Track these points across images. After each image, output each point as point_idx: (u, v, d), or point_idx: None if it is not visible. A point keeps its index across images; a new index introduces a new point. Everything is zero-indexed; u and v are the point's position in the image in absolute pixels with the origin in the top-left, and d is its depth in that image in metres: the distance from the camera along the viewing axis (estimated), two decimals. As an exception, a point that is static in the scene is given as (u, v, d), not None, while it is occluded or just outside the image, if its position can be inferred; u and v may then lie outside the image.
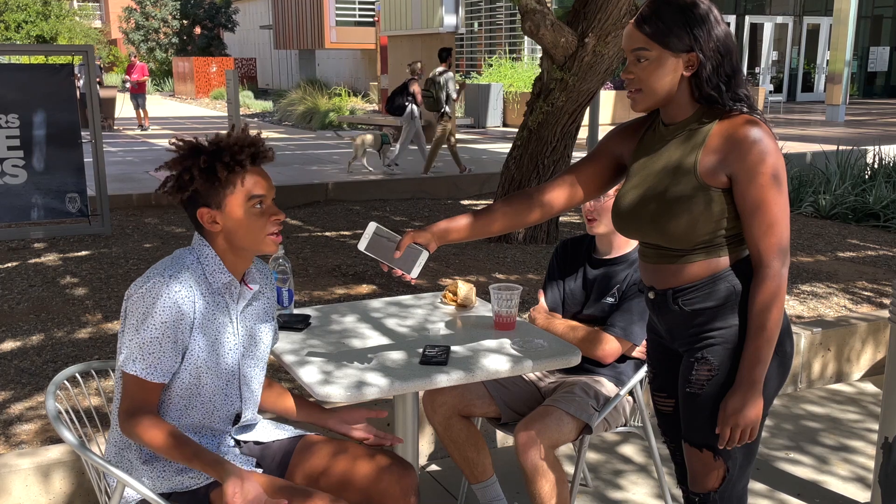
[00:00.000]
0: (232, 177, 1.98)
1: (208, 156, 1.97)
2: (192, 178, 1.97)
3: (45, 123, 6.76)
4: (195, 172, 1.96)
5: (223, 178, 1.97)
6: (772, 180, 1.86)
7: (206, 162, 1.96)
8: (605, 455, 3.56)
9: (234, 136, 2.02)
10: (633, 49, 1.92)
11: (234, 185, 1.98)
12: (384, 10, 15.94)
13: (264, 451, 2.18)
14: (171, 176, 2.01)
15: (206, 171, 1.96)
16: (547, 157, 6.37)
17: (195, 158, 1.97)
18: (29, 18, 32.68)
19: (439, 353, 2.31)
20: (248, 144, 2.01)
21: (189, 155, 1.99)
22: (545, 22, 5.97)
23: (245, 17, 36.40)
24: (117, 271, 5.62)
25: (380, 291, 5.05)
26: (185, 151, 2.00)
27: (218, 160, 1.96)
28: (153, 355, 1.96)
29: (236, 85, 8.33)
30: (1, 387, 3.60)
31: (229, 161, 1.97)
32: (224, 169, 1.96)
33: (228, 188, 1.98)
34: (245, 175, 1.99)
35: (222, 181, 1.97)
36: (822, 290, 5.26)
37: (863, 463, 3.52)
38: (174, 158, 2.01)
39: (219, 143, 2.00)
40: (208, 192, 1.99)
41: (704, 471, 2.05)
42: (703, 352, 1.99)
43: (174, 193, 2.01)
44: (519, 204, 2.17)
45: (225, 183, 1.98)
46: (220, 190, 1.98)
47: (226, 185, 1.98)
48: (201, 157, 1.97)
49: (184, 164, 1.98)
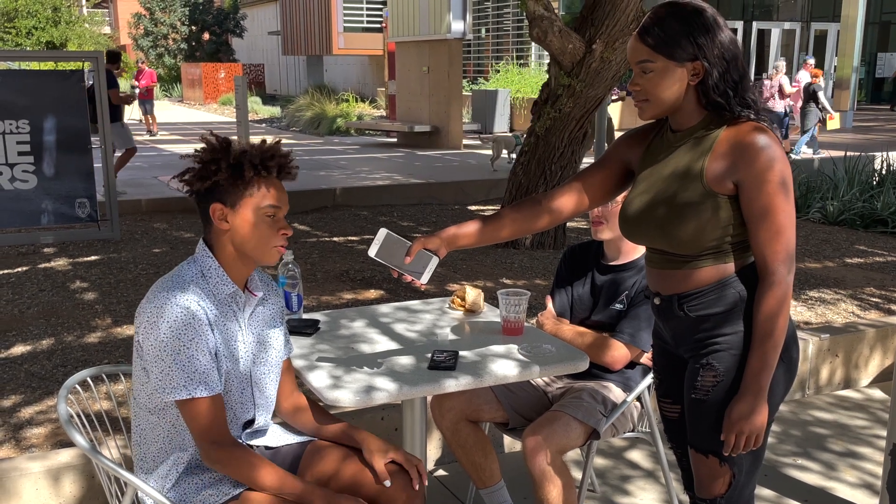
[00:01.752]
0: (255, 179, 2.00)
1: (239, 153, 1.99)
2: (217, 170, 1.98)
3: (55, 129, 6.80)
4: (223, 165, 1.97)
5: (247, 179, 1.98)
6: (779, 187, 1.87)
7: (235, 158, 1.98)
8: (612, 460, 3.56)
9: (266, 144, 2.05)
10: (638, 61, 1.93)
11: (254, 189, 2.00)
12: (392, 16, 15.95)
13: (274, 456, 2.20)
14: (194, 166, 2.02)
15: (234, 167, 1.98)
16: (554, 163, 6.38)
17: (226, 152, 1.99)
18: (39, 24, 32.81)
19: (448, 359, 2.33)
20: (279, 155, 2.03)
21: (220, 148, 2.01)
22: (553, 28, 5.98)
23: (253, 22, 36.49)
24: (126, 276, 5.65)
25: (388, 296, 5.07)
26: (216, 144, 2.02)
27: (247, 160, 1.98)
28: (197, 371, 1.95)
29: (245, 90, 8.37)
30: (11, 391, 3.62)
31: (258, 164, 1.99)
32: (251, 169, 1.98)
33: (248, 190, 2.00)
34: (267, 183, 2.01)
35: (245, 181, 1.99)
36: (829, 297, 5.26)
37: (871, 469, 3.51)
38: (204, 148, 2.02)
39: (252, 146, 2.02)
40: (228, 188, 1.99)
41: (711, 477, 2.06)
42: (708, 358, 2.00)
43: (194, 182, 2.01)
44: (527, 210, 2.18)
45: (247, 184, 1.99)
46: (240, 190, 1.99)
47: (247, 187, 1.99)
48: (231, 154, 1.99)
49: (213, 155, 2.00)
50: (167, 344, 1.93)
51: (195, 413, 1.96)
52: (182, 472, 2.05)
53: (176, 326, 1.93)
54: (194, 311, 1.95)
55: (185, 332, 1.94)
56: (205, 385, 1.96)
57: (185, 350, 1.94)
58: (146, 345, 1.96)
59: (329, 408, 2.87)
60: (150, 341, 1.95)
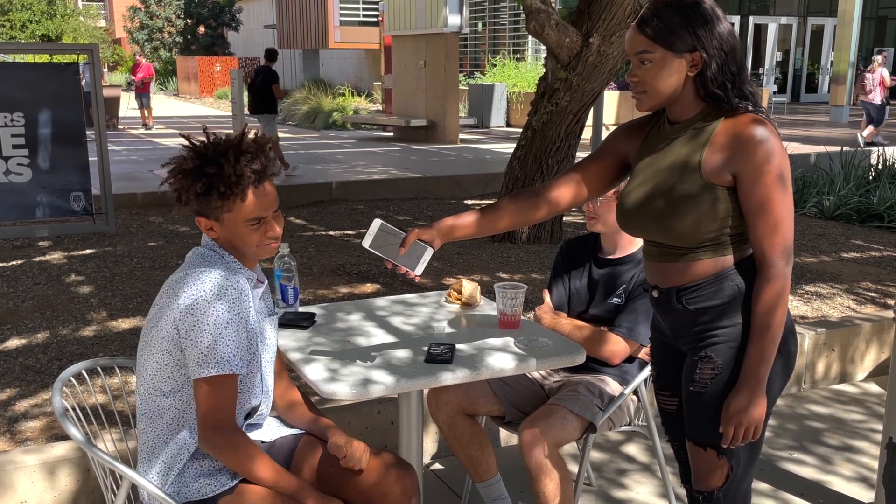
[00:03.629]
0: (229, 201, 1.94)
1: (207, 178, 1.91)
2: (188, 200, 1.94)
3: (50, 122, 6.78)
4: (192, 195, 1.93)
5: (217, 205, 1.94)
6: (777, 180, 1.86)
7: (203, 187, 1.92)
8: (609, 454, 3.56)
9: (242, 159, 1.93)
10: (637, 52, 1.93)
11: (233, 205, 1.95)
12: (388, 10, 15.92)
13: (269, 449, 2.19)
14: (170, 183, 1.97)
15: (203, 195, 1.93)
16: (551, 157, 6.38)
17: (195, 180, 1.92)
18: (34, 17, 32.73)
19: (444, 352, 2.32)
20: (252, 170, 1.93)
21: (189, 174, 1.93)
22: (550, 22, 5.97)
23: (249, 16, 36.40)
24: (122, 269, 5.64)
25: (384, 290, 5.06)
26: (186, 167, 1.94)
27: (215, 189, 1.91)
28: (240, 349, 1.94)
29: (241, 84, 8.36)
30: (6, 384, 3.61)
31: (225, 191, 1.92)
32: (218, 198, 1.93)
33: (227, 205, 1.95)
34: (241, 199, 1.95)
35: (221, 203, 1.94)
36: (826, 291, 5.26)
37: (866, 463, 3.52)
38: (174, 169, 1.96)
39: (220, 164, 1.92)
40: (206, 208, 1.97)
41: (708, 469, 2.06)
42: (706, 350, 2.00)
43: (174, 203, 1.99)
44: (525, 201, 2.17)
45: (221, 206, 1.95)
46: (219, 208, 1.96)
47: (224, 205, 1.95)
48: (200, 182, 1.91)
49: (182, 183, 1.94)
50: (223, 318, 1.92)
51: (217, 391, 1.94)
52: (186, 461, 2.04)
53: (231, 300, 1.94)
54: (243, 287, 1.98)
55: (240, 305, 1.96)
56: (242, 363, 1.97)
57: (241, 323, 1.95)
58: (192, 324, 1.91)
59: (325, 401, 2.86)
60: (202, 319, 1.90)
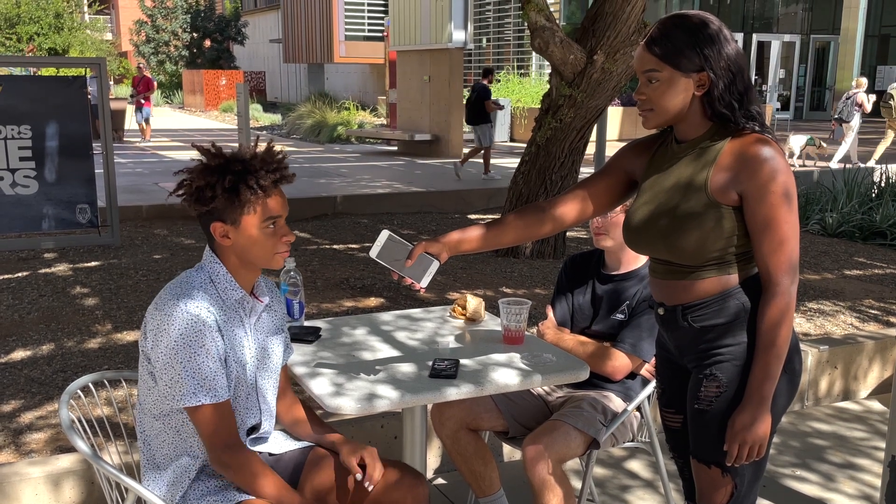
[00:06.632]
0: (253, 198, 1.98)
1: (234, 175, 1.95)
2: (214, 196, 1.95)
3: (56, 135, 6.81)
4: (218, 190, 1.95)
5: (244, 200, 1.97)
6: (782, 198, 1.88)
7: (231, 182, 1.95)
8: (612, 470, 3.56)
9: (259, 156, 2.01)
10: (645, 70, 1.95)
11: (254, 206, 1.98)
12: (393, 25, 15.99)
13: (276, 463, 2.20)
14: (189, 185, 1.99)
15: (230, 191, 1.95)
16: (555, 173, 6.40)
17: (221, 176, 1.95)
18: (41, 31, 32.89)
19: (449, 367, 2.33)
20: (273, 169, 2.00)
21: (215, 170, 1.97)
22: (554, 39, 6.00)
23: (255, 30, 36.57)
24: (127, 282, 5.65)
25: (388, 304, 5.07)
26: (212, 164, 1.98)
27: (243, 182, 1.95)
28: (206, 378, 1.95)
29: (247, 98, 8.38)
30: (11, 396, 3.62)
31: (254, 185, 1.96)
32: (248, 191, 1.96)
33: (247, 208, 1.98)
34: (265, 196, 1.99)
35: (243, 202, 1.97)
36: (829, 308, 5.26)
37: (869, 481, 3.52)
38: (198, 167, 1.99)
39: (245, 162, 1.98)
40: (226, 209, 1.98)
41: (712, 487, 2.06)
42: (711, 368, 2.00)
43: (193, 204, 2.00)
44: (531, 216, 2.19)
45: (245, 204, 1.97)
46: (239, 209, 1.98)
47: (245, 205, 1.97)
48: (227, 177, 1.95)
49: (207, 179, 1.96)
50: (177, 351, 1.93)
51: (204, 419, 1.96)
52: (193, 479, 2.05)
53: (185, 334, 1.93)
54: (203, 317, 1.96)
55: (195, 339, 1.94)
56: (213, 392, 1.96)
57: (195, 357, 1.94)
58: (155, 352, 1.96)
59: (330, 415, 2.87)
60: (159, 348, 1.95)
